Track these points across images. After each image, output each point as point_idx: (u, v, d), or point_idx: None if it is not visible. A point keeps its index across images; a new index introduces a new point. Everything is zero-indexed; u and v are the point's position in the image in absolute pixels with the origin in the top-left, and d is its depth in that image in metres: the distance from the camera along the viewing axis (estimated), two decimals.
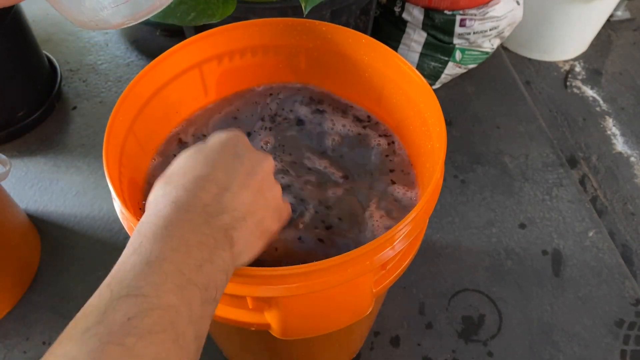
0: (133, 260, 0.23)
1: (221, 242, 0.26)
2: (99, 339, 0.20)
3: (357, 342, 0.56)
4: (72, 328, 0.21)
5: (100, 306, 0.22)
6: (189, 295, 0.23)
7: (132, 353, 0.20)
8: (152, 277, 0.23)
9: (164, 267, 0.23)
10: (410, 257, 0.38)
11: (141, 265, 0.23)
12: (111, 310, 0.21)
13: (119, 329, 0.21)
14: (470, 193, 0.73)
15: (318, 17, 0.58)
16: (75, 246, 0.66)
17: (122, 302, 0.21)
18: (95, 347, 0.20)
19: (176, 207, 0.26)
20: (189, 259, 0.24)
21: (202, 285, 0.24)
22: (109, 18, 0.29)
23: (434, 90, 0.87)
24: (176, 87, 0.45)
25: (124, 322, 0.21)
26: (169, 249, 0.24)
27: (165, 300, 0.22)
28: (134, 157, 0.41)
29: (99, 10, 0.28)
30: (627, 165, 0.93)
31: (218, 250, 0.26)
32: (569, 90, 1.06)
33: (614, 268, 0.66)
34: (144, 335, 0.21)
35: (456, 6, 0.77)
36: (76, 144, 0.78)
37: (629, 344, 0.59)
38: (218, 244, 0.26)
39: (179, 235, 0.25)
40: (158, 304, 0.22)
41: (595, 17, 1.03)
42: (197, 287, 0.24)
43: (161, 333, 0.21)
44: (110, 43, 0.94)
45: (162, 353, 0.21)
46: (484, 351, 0.58)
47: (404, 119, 0.45)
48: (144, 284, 0.22)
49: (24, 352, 0.58)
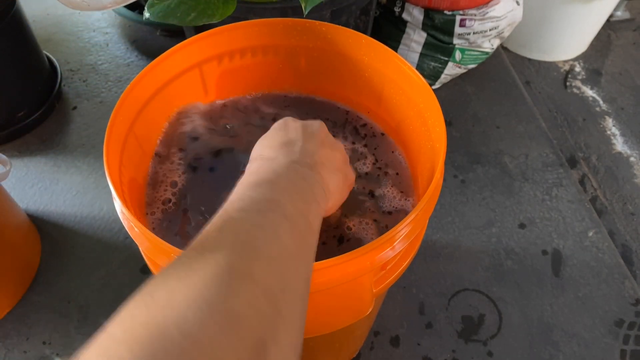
0: (239, 206, 0.26)
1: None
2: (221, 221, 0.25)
3: (357, 342, 0.56)
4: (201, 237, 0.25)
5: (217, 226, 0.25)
6: (289, 196, 0.28)
7: (246, 221, 0.25)
8: (260, 205, 0.26)
9: (270, 206, 0.27)
10: (410, 258, 0.38)
11: (251, 203, 0.27)
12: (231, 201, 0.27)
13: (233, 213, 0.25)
14: (470, 193, 0.73)
15: (318, 17, 0.58)
16: (75, 246, 0.66)
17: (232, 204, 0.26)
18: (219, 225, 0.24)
19: (273, 170, 0.30)
20: (291, 204, 0.28)
21: (302, 192, 0.29)
22: None
23: (434, 90, 0.87)
24: (176, 87, 0.45)
25: (237, 209, 0.26)
26: (272, 193, 0.28)
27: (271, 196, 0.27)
28: (134, 157, 0.41)
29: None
30: (627, 165, 0.93)
31: (311, 176, 0.31)
32: (568, 90, 1.06)
33: (613, 268, 0.66)
34: (259, 210, 0.26)
35: (456, 6, 0.77)
36: (76, 144, 0.78)
37: (628, 343, 0.59)
38: (309, 172, 0.31)
39: (282, 186, 0.29)
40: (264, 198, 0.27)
41: (595, 17, 1.03)
42: (298, 194, 0.29)
43: (269, 212, 0.26)
44: (111, 43, 0.94)
45: (272, 220, 0.25)
46: (483, 351, 0.58)
47: (404, 119, 0.45)
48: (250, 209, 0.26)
49: (24, 352, 0.58)
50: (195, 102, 0.48)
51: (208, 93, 0.48)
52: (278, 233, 0.25)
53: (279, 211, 0.26)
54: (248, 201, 0.26)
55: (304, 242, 0.27)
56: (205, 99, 0.48)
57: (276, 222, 0.25)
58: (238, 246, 0.23)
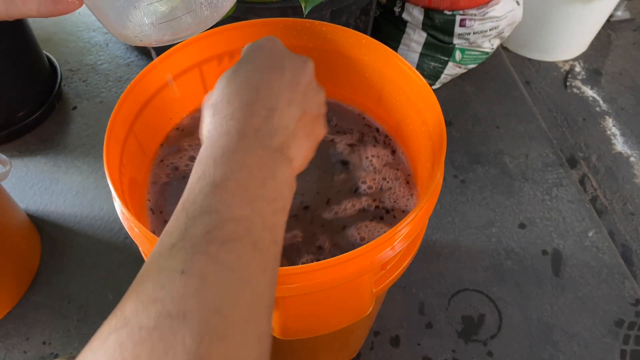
0: (200, 185, 0.25)
1: (279, 161, 0.27)
2: (185, 252, 0.22)
3: (357, 342, 0.56)
4: (159, 247, 0.23)
5: (180, 226, 0.23)
6: (258, 207, 0.25)
7: (216, 260, 0.22)
8: (220, 195, 0.24)
9: (230, 186, 0.25)
10: (410, 257, 0.38)
11: (208, 187, 0.25)
12: (191, 227, 0.23)
13: (200, 241, 0.23)
14: (470, 193, 0.73)
15: (318, 17, 0.58)
16: (75, 246, 0.66)
17: (198, 219, 0.23)
18: (183, 258, 0.22)
19: (229, 136, 0.27)
20: (252, 178, 0.26)
21: (268, 198, 0.26)
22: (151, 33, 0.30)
23: (434, 90, 0.87)
24: (176, 87, 0.45)
25: (204, 235, 0.23)
26: (230, 171, 0.25)
27: (237, 213, 0.24)
28: (134, 157, 0.41)
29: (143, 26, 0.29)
30: (627, 165, 0.93)
31: (278, 167, 0.27)
32: (568, 90, 1.06)
33: (613, 268, 0.66)
34: (224, 243, 0.23)
35: (456, 6, 0.77)
36: (76, 144, 0.78)
37: (628, 343, 0.59)
38: (276, 163, 0.27)
39: (237, 160, 0.26)
40: (231, 217, 0.24)
41: (595, 17, 1.03)
42: (265, 200, 0.26)
43: (239, 240, 0.23)
44: (111, 43, 0.94)
45: (244, 256, 0.23)
46: (483, 351, 0.58)
47: (404, 119, 0.45)
48: (214, 202, 0.24)
49: (24, 352, 0.58)
50: (195, 102, 0.48)
51: (208, 93, 0.48)
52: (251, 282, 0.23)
53: (248, 238, 0.24)
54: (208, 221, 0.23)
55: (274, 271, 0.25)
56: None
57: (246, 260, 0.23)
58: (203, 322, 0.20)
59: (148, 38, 0.30)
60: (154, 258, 0.23)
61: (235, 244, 0.23)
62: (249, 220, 0.24)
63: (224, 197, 0.24)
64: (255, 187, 0.25)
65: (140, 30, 0.29)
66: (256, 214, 0.25)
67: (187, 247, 0.22)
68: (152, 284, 0.21)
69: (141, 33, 0.29)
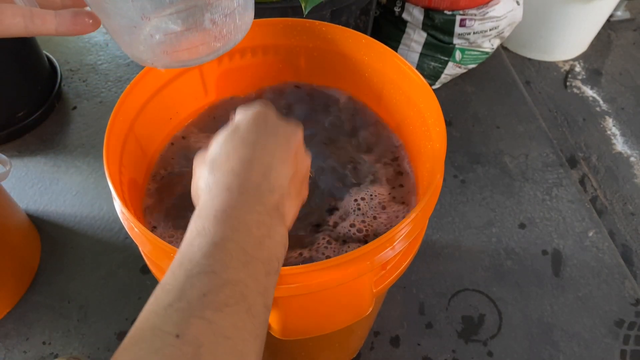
0: (199, 242, 0.25)
1: (276, 218, 0.28)
2: (182, 313, 0.22)
3: (357, 342, 0.56)
4: (153, 304, 0.23)
5: (177, 284, 0.24)
6: (253, 269, 0.26)
7: (211, 325, 0.22)
8: (218, 255, 0.25)
9: (228, 247, 0.25)
10: (410, 257, 0.38)
11: (207, 246, 0.25)
12: (188, 287, 0.23)
13: (197, 304, 0.23)
14: (470, 193, 0.73)
15: (318, 17, 0.58)
16: (75, 246, 0.66)
17: (196, 279, 0.24)
18: (179, 320, 0.22)
19: (230, 192, 0.28)
20: (250, 237, 0.26)
21: (264, 259, 0.26)
22: (164, 59, 0.30)
23: (434, 90, 0.87)
24: (176, 87, 0.45)
25: (200, 298, 0.23)
26: (230, 229, 0.26)
27: (234, 275, 0.24)
28: (134, 157, 0.41)
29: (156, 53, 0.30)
30: (627, 165, 0.93)
31: (274, 226, 0.28)
32: (569, 90, 1.06)
33: (613, 268, 0.66)
34: (221, 308, 0.23)
35: (456, 6, 0.77)
36: (76, 144, 0.78)
37: (629, 344, 0.59)
38: (273, 220, 0.28)
39: (238, 217, 0.27)
40: (228, 280, 0.24)
41: (595, 17, 1.03)
42: (260, 262, 0.26)
43: (235, 305, 0.24)
44: (111, 43, 0.94)
45: (239, 323, 0.23)
46: (484, 351, 0.58)
47: (404, 119, 0.45)
48: (212, 262, 0.24)
49: (24, 352, 0.58)
50: (195, 101, 0.48)
51: (208, 93, 0.48)
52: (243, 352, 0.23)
53: (243, 303, 0.24)
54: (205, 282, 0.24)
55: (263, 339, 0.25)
56: (205, 99, 0.48)
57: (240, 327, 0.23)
58: None
59: (159, 61, 0.30)
60: (149, 315, 0.23)
61: (231, 309, 0.23)
62: (244, 284, 0.25)
63: (223, 258, 0.25)
64: (253, 248, 0.26)
65: (152, 54, 0.30)
66: (251, 277, 0.25)
67: (184, 309, 0.23)
68: (147, 347, 0.21)
69: (153, 57, 0.30)
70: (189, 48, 0.30)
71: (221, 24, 0.30)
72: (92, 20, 0.29)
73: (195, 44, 0.30)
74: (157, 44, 0.29)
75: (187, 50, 0.30)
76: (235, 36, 0.31)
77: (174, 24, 0.29)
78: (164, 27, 0.29)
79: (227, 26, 0.30)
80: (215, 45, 0.31)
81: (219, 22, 0.30)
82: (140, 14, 0.27)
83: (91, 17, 0.29)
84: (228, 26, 0.30)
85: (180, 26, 0.29)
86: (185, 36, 0.29)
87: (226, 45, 0.31)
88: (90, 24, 0.29)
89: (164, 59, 0.30)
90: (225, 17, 0.29)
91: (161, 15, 0.28)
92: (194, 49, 0.30)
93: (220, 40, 0.31)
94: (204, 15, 0.29)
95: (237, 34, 0.32)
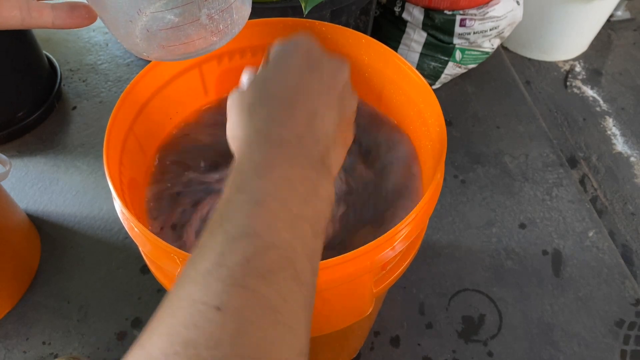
0: (240, 200, 0.23)
1: (321, 172, 0.26)
2: (222, 282, 0.20)
3: (357, 342, 0.56)
4: (191, 269, 0.21)
5: (216, 247, 0.21)
6: (300, 230, 0.23)
7: (255, 294, 0.20)
8: (262, 215, 0.22)
9: (272, 206, 0.23)
10: (410, 258, 0.38)
11: (249, 205, 0.23)
12: (228, 252, 0.21)
13: (240, 270, 0.20)
14: (470, 193, 0.73)
15: (318, 17, 0.58)
16: (75, 246, 0.66)
17: (237, 243, 0.21)
18: (219, 289, 0.20)
19: (271, 143, 0.25)
20: (295, 195, 0.24)
21: (310, 218, 0.24)
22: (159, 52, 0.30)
23: (434, 90, 0.87)
24: (176, 87, 0.45)
25: (243, 264, 0.20)
26: (273, 186, 0.23)
27: (279, 237, 0.22)
28: (134, 157, 0.41)
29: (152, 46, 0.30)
30: (627, 165, 0.93)
31: (320, 181, 0.25)
32: (569, 90, 1.06)
33: (614, 268, 0.66)
34: (265, 276, 0.20)
35: (456, 6, 0.77)
36: (76, 144, 0.78)
37: (629, 344, 0.59)
38: (319, 175, 0.25)
39: (281, 173, 0.24)
40: (273, 243, 0.22)
41: (595, 17, 1.03)
42: (307, 221, 0.24)
43: (281, 272, 0.21)
44: (110, 43, 0.94)
45: (284, 290, 0.21)
46: (484, 351, 0.58)
47: (404, 119, 0.45)
48: (255, 223, 0.22)
49: (24, 352, 0.58)
50: (195, 101, 0.48)
51: (208, 93, 0.48)
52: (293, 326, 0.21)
53: (290, 269, 0.21)
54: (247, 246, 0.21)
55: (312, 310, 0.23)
56: (205, 98, 0.48)
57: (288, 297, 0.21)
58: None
59: (155, 54, 0.30)
60: (185, 282, 0.21)
61: (277, 277, 0.21)
62: (291, 247, 0.22)
63: (266, 218, 0.22)
64: (298, 206, 0.23)
65: (148, 47, 0.30)
66: (298, 239, 0.23)
67: (224, 276, 0.20)
68: (185, 320, 0.19)
69: (149, 50, 0.30)
70: (185, 42, 0.30)
71: (218, 18, 0.29)
72: (89, 14, 0.29)
73: (191, 38, 0.30)
74: (152, 37, 0.29)
75: (183, 45, 0.30)
76: (232, 30, 0.31)
77: (170, 18, 0.28)
78: (160, 21, 0.28)
79: (223, 21, 0.30)
80: (211, 39, 0.30)
81: (216, 17, 0.29)
82: (136, 8, 0.27)
83: (88, 10, 0.29)
84: (225, 21, 0.30)
85: (176, 21, 0.29)
86: (181, 30, 0.29)
87: (223, 39, 0.31)
88: (86, 17, 0.29)
89: (159, 52, 0.30)
90: (222, 11, 0.29)
91: (157, 10, 0.28)
92: (190, 43, 0.30)
93: (217, 34, 0.30)
94: (201, 10, 0.28)
95: (234, 27, 0.31)
